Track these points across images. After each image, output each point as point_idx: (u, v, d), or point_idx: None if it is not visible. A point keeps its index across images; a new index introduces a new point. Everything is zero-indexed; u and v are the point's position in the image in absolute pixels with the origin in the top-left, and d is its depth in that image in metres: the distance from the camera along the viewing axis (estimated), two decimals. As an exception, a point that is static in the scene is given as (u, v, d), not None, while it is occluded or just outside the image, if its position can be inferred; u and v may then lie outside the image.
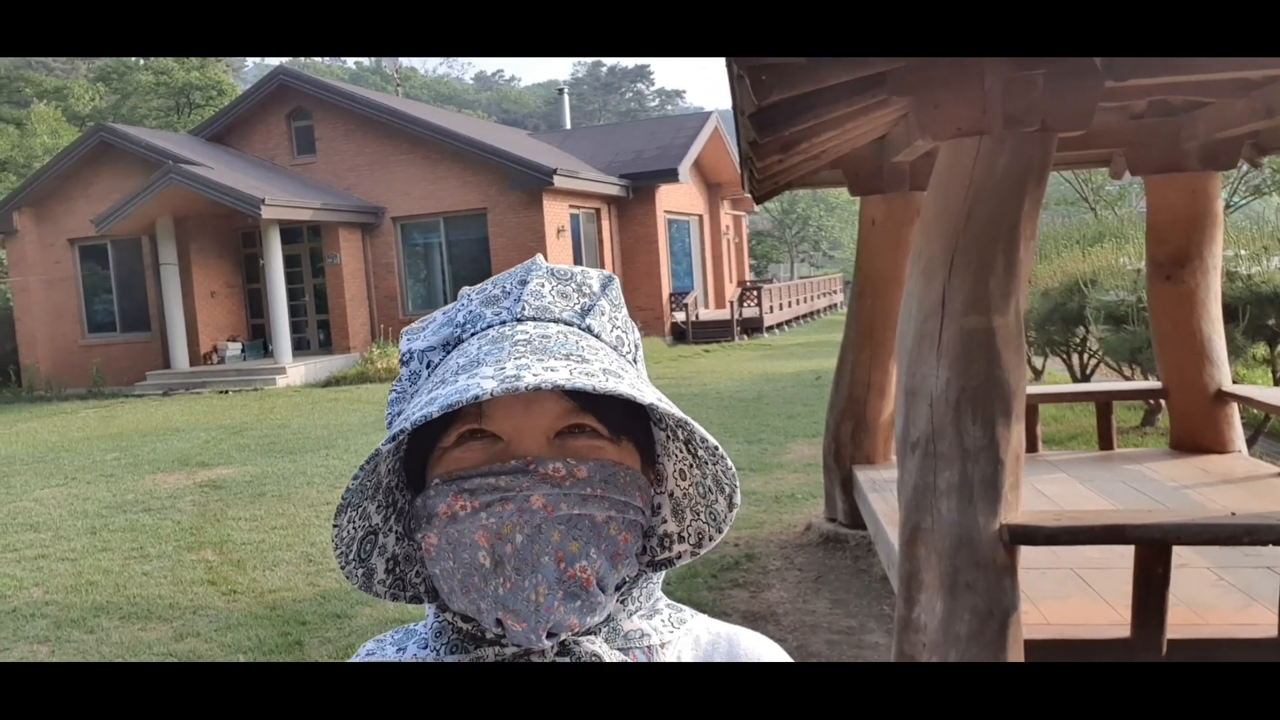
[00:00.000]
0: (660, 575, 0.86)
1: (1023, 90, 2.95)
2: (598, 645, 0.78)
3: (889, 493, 4.86)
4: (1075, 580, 3.56)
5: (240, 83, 46.18)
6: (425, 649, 0.84)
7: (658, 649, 0.83)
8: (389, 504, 0.82)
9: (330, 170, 21.55)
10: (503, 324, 0.82)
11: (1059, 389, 8.42)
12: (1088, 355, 10.20)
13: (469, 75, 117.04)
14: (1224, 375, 5.36)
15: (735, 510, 0.82)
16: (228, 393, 18.05)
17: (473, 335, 0.82)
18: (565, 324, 0.82)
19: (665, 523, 0.85)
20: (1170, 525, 2.88)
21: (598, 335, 0.83)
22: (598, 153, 24.59)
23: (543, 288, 0.84)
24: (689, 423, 0.76)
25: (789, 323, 27.89)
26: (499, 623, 0.74)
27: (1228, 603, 3.29)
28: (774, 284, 30.11)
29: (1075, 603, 3.36)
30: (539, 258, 0.87)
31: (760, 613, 4.96)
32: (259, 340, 21.47)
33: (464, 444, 0.77)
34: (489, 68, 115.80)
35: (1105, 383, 9.32)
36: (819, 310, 32.79)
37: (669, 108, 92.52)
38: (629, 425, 0.80)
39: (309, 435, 12.13)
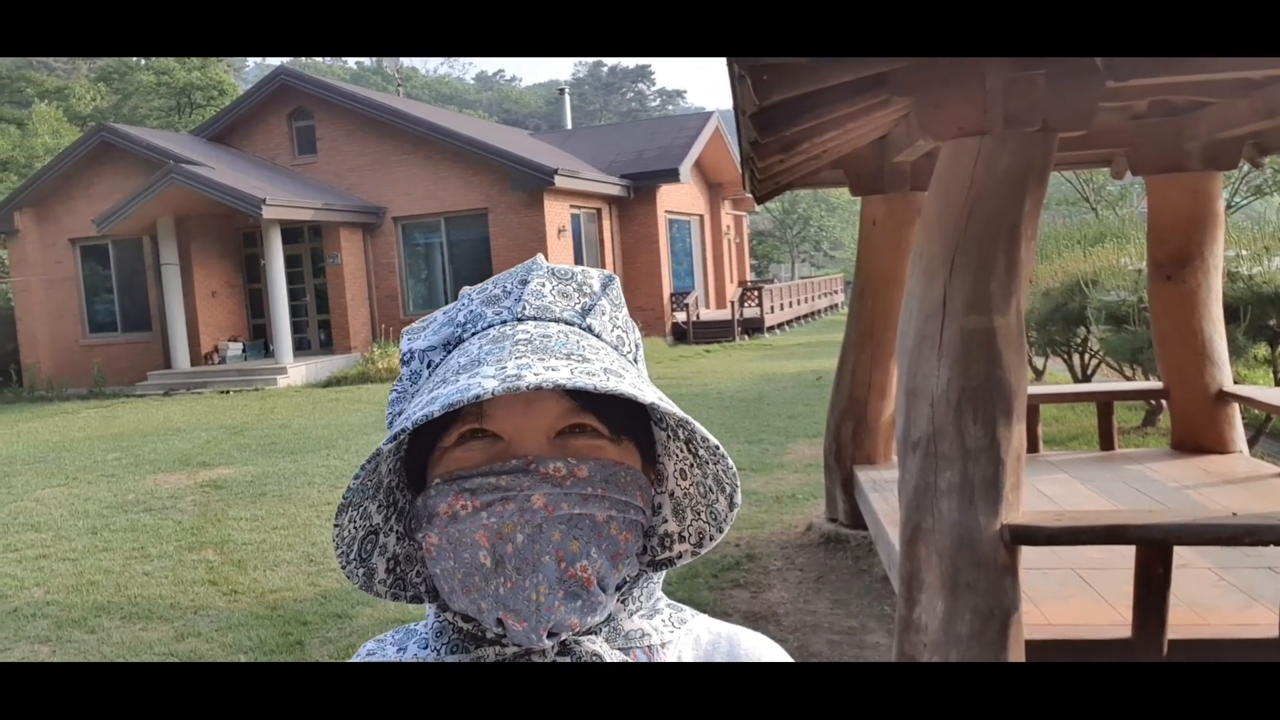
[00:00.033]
0: (661, 575, 0.86)
1: (1024, 90, 2.95)
2: (598, 645, 0.78)
3: (890, 493, 4.86)
4: (1076, 580, 3.56)
5: (241, 83, 46.18)
6: (426, 649, 0.84)
7: (658, 649, 0.82)
8: (390, 504, 0.82)
9: (331, 170, 21.56)
10: (503, 323, 0.82)
11: (1060, 389, 8.42)
12: (1089, 355, 10.19)
13: (470, 75, 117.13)
14: (1225, 375, 5.35)
15: (736, 510, 0.82)
16: (229, 393, 18.06)
17: (473, 335, 0.82)
18: (566, 323, 0.82)
19: (666, 522, 0.85)
20: (1171, 525, 2.88)
21: (598, 335, 0.83)
22: (599, 153, 24.60)
23: (543, 287, 0.84)
24: (690, 422, 0.76)
25: (790, 323, 27.89)
26: (500, 622, 0.74)
27: (1229, 603, 3.28)
28: (775, 284, 30.11)
29: (1076, 603, 3.36)
30: (540, 257, 0.87)
31: (761, 613, 4.96)
32: (260, 340, 21.47)
33: (465, 443, 0.77)
34: (490, 68, 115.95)
35: (1106, 383, 9.32)
36: (820, 310, 32.79)
37: (670, 108, 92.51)
38: (630, 425, 0.80)
39: (310, 435, 12.14)
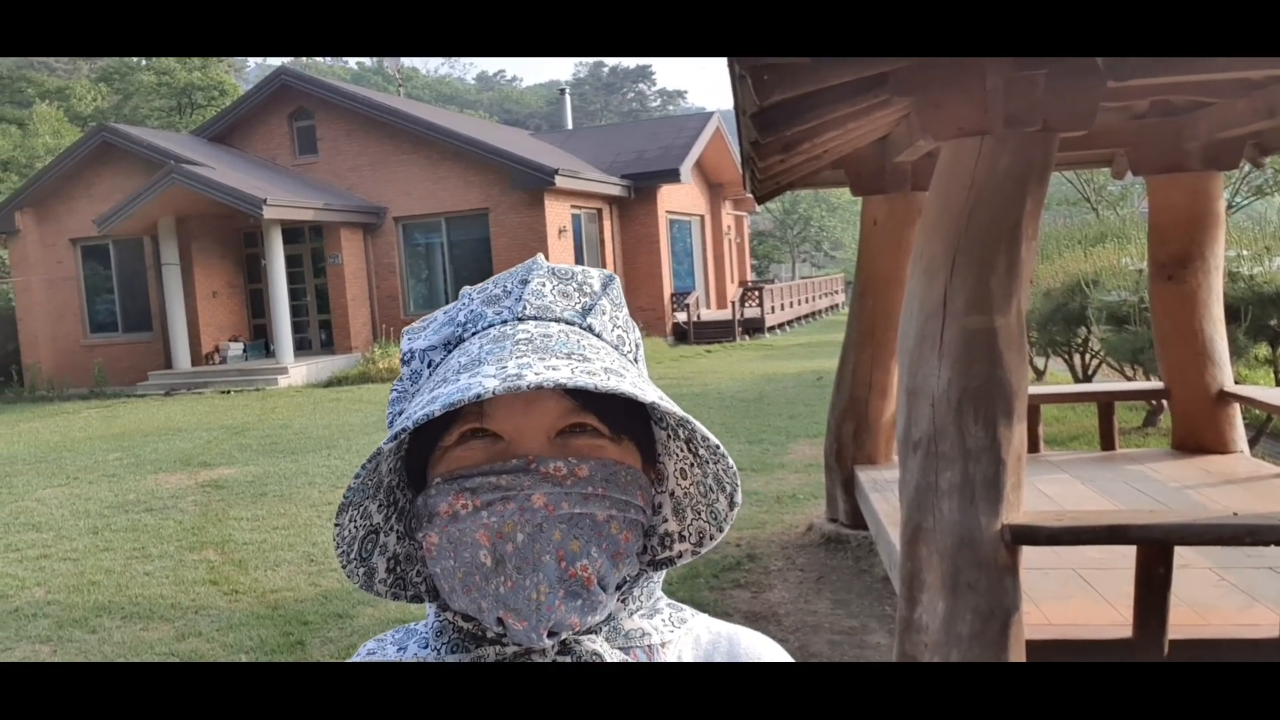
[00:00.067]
0: (661, 574, 0.86)
1: (1024, 90, 2.95)
2: (598, 644, 0.78)
3: (890, 493, 4.86)
4: (1077, 580, 3.55)
5: (242, 83, 46.20)
6: (426, 648, 0.84)
7: (658, 648, 0.83)
8: (390, 503, 0.82)
9: (332, 170, 21.57)
10: (504, 323, 0.82)
11: (1061, 389, 8.41)
12: (1089, 356, 10.19)
13: (470, 75, 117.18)
14: (1226, 376, 5.35)
15: (736, 509, 0.82)
16: (229, 393, 18.06)
17: (474, 334, 0.82)
18: (566, 323, 0.82)
19: (666, 522, 0.85)
20: (1172, 525, 2.88)
21: (599, 334, 0.83)
22: (599, 153, 24.60)
23: (544, 287, 0.84)
24: (690, 421, 0.76)
25: (790, 323, 27.88)
26: (500, 622, 0.74)
27: (1229, 603, 3.28)
28: (775, 284, 30.10)
29: (1077, 603, 3.36)
30: (540, 257, 0.88)
31: (762, 613, 4.96)
32: (261, 340, 21.48)
33: (465, 443, 0.77)
34: (490, 68, 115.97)
35: (1107, 383, 9.32)
36: (820, 310, 32.79)
37: (670, 108, 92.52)
38: (630, 424, 0.80)
39: (311, 435, 12.14)
